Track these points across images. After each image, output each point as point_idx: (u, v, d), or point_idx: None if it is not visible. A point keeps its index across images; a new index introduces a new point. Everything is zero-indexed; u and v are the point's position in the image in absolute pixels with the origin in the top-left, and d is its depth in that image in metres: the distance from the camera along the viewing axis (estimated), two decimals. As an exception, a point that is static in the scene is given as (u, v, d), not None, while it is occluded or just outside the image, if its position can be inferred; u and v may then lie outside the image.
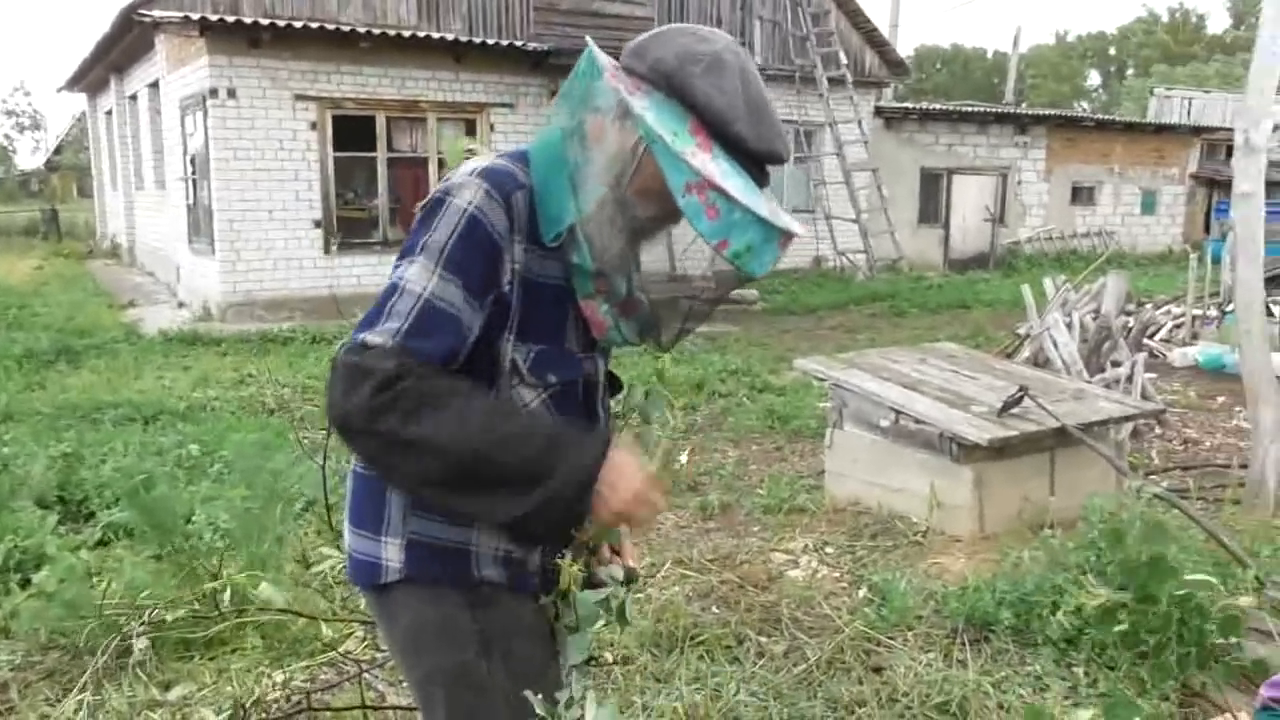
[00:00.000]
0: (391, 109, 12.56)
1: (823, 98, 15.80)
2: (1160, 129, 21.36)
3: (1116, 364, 6.67)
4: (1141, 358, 6.68)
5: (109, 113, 19.05)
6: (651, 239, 1.50)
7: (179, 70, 12.84)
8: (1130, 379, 6.37)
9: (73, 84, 20.02)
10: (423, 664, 1.56)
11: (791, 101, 16.11)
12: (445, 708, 1.54)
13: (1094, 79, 70.74)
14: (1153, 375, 7.31)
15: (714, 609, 3.67)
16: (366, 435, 1.34)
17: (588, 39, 1.46)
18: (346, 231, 12.62)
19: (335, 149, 12.28)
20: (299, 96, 11.88)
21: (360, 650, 3.32)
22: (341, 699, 3.02)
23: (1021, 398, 4.45)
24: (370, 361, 1.33)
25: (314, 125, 12.03)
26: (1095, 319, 7.31)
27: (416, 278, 1.38)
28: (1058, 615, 3.24)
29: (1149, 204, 21.10)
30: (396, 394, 1.31)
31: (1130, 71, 63.50)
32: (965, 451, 4.33)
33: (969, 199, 18.60)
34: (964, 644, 3.29)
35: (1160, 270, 17.11)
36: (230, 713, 2.84)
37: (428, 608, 1.51)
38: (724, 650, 3.31)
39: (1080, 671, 3.07)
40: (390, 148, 12.71)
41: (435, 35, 12.49)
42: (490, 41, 12.85)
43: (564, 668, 1.57)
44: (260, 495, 4.04)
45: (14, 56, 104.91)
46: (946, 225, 18.47)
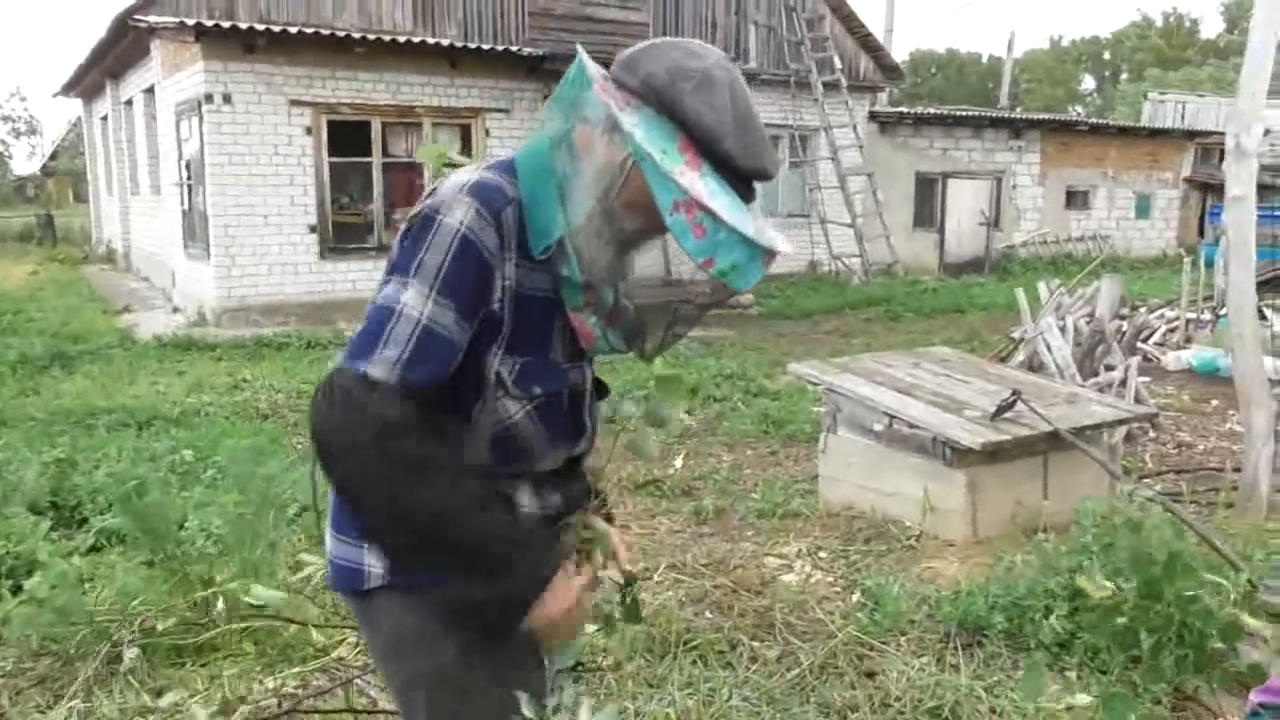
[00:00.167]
0: (387, 114, 12.56)
1: (818, 102, 15.83)
2: (1154, 133, 21.42)
3: (1110, 368, 6.69)
4: (1135, 361, 6.70)
5: (104, 118, 19.05)
6: (638, 250, 1.50)
7: (174, 76, 12.84)
8: (1124, 383, 6.39)
9: (68, 89, 20.01)
10: (404, 669, 1.56)
11: (786, 106, 16.14)
12: (427, 712, 1.54)
13: (1088, 83, 70.96)
14: (1146, 379, 7.33)
15: (707, 614, 3.67)
16: (351, 474, 1.38)
17: (579, 48, 1.46)
18: (342, 237, 12.63)
19: (330, 154, 12.28)
20: (294, 102, 11.88)
21: (353, 656, 3.32)
22: (332, 705, 3.02)
23: (1014, 402, 4.46)
24: (373, 404, 1.34)
25: (309, 130, 12.03)
26: (1089, 323, 7.33)
27: (413, 302, 1.38)
28: (1050, 619, 3.25)
29: (1143, 208, 21.15)
30: (392, 452, 1.35)
31: (1124, 76, 63.69)
32: (958, 456, 4.34)
33: (964, 203, 18.63)
34: (957, 648, 3.29)
35: (1155, 274, 17.15)
36: (218, 712, 2.83)
37: (409, 614, 1.51)
38: (717, 655, 3.31)
39: (1073, 675, 3.07)
40: (385, 153, 12.70)
41: (431, 41, 12.51)
42: (486, 47, 12.86)
43: (550, 671, 1.57)
44: (253, 501, 4.03)
45: (10, 62, 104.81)
46: (941, 229, 18.50)
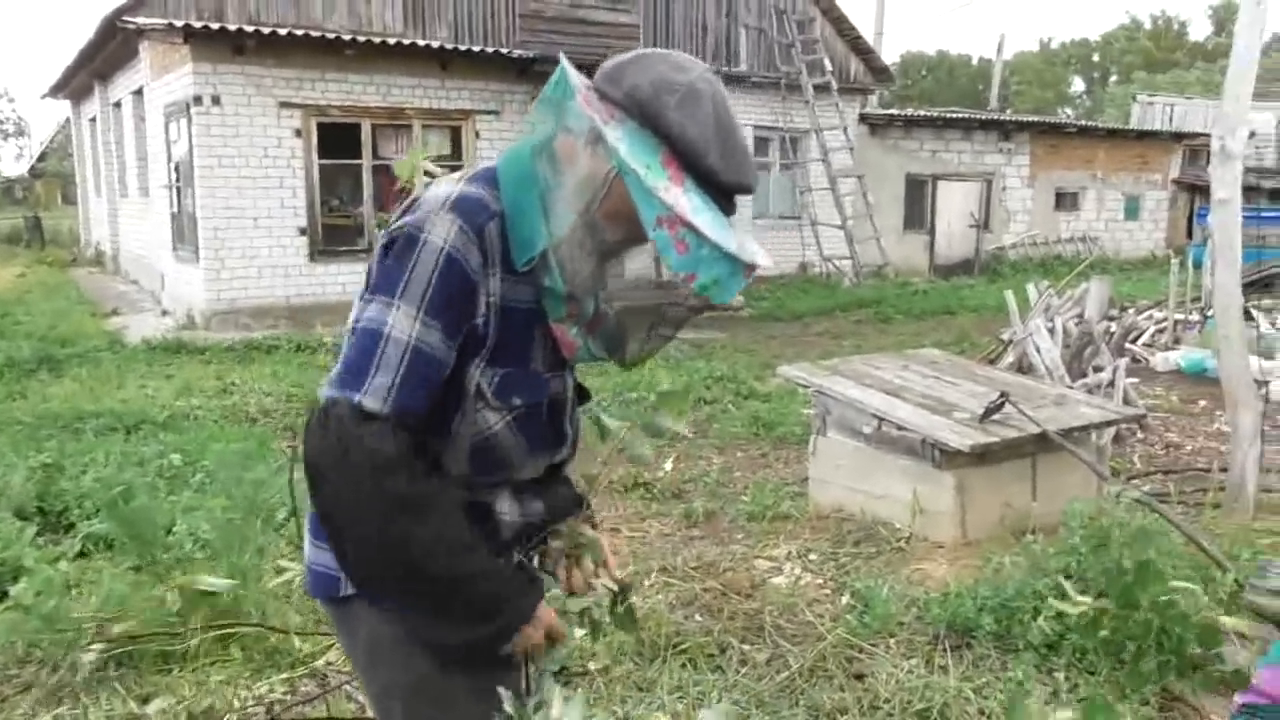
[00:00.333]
0: (377, 116, 12.54)
1: (808, 104, 15.87)
2: (1143, 135, 21.54)
3: (1099, 369, 6.71)
4: (1123, 363, 6.72)
5: (93, 120, 18.96)
6: (620, 260, 1.50)
7: (163, 77, 12.80)
8: (1112, 384, 6.41)
9: (57, 91, 19.91)
10: (381, 677, 1.56)
11: (777, 108, 16.17)
12: None
13: (1078, 85, 71.23)
14: (1135, 380, 7.35)
15: (697, 617, 3.67)
16: (342, 508, 1.38)
17: (561, 57, 1.46)
18: (331, 239, 12.60)
19: (320, 156, 12.25)
20: (284, 104, 11.85)
21: (340, 662, 3.31)
22: (319, 712, 3.01)
23: (1003, 404, 4.47)
24: (369, 438, 1.35)
25: (299, 132, 11.99)
26: (1078, 324, 7.35)
27: (401, 325, 1.37)
28: (1039, 621, 3.26)
29: (1132, 209, 21.24)
30: (386, 490, 1.35)
31: (1113, 78, 63.94)
32: (947, 458, 4.35)
33: (954, 205, 18.68)
34: (945, 650, 3.30)
35: (1144, 275, 17.22)
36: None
37: (386, 621, 1.50)
38: (707, 659, 3.31)
39: (1061, 677, 3.08)
40: (376, 155, 12.67)
41: (421, 43, 12.49)
42: (476, 49, 12.85)
43: (535, 677, 1.57)
44: (241, 506, 4.02)
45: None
46: (932, 231, 18.55)
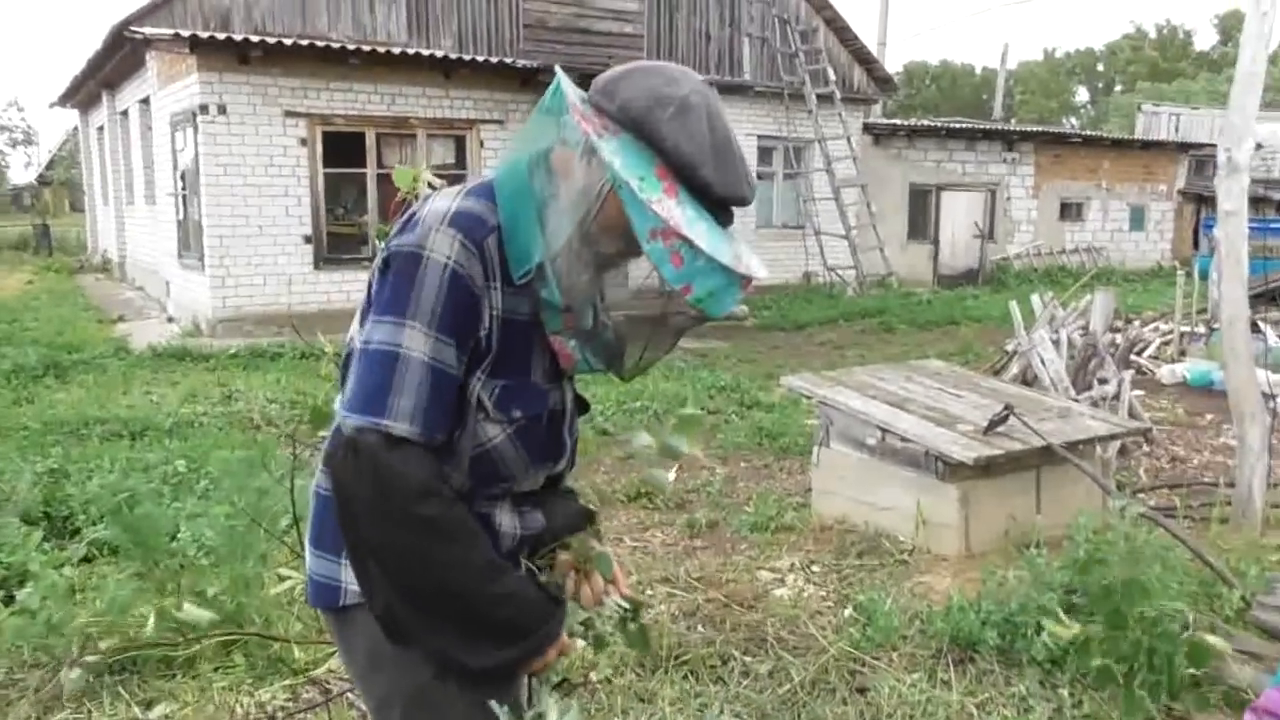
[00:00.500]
0: (381, 125, 12.57)
1: (811, 114, 15.89)
2: (1148, 145, 21.53)
3: (1103, 381, 6.69)
4: (1128, 375, 6.70)
5: (100, 128, 19.06)
6: (616, 271, 1.51)
7: (170, 87, 12.85)
8: (1117, 397, 6.39)
9: (65, 100, 20.01)
10: (380, 686, 1.56)
11: (780, 118, 16.20)
12: None
13: (1082, 95, 71.29)
14: (1141, 392, 7.34)
15: (699, 628, 3.66)
16: (382, 538, 1.39)
17: (557, 69, 1.46)
18: (336, 247, 12.63)
19: (325, 165, 12.28)
20: (289, 113, 11.89)
21: (344, 670, 3.30)
22: (321, 719, 3.01)
23: (1007, 416, 4.47)
24: (406, 466, 1.36)
25: (304, 141, 12.03)
26: (1083, 336, 7.34)
27: (417, 344, 1.38)
28: (1042, 636, 3.24)
29: (1137, 220, 21.23)
30: (426, 518, 1.37)
31: (1118, 88, 64.00)
32: (951, 470, 4.34)
33: (958, 215, 18.69)
34: (949, 664, 3.28)
35: (1149, 286, 17.20)
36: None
37: None
38: (708, 670, 3.31)
39: (1065, 693, 3.06)
40: (380, 164, 12.70)
41: (425, 52, 12.53)
42: (480, 58, 12.89)
43: (536, 689, 1.57)
44: (245, 513, 4.02)
45: (7, 72, 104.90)
46: (936, 241, 18.55)
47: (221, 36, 11.32)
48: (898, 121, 19.87)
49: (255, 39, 11.46)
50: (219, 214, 11.68)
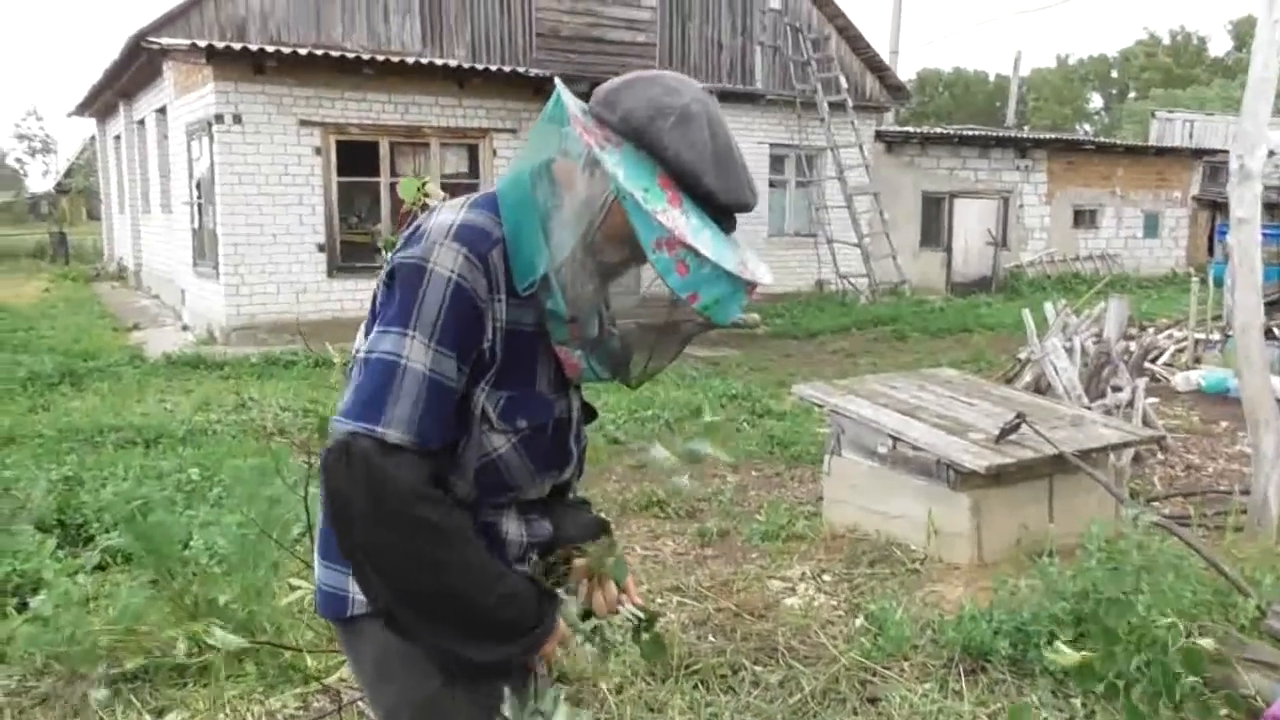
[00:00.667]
0: (395, 134, 12.63)
1: (824, 122, 15.88)
2: (1161, 152, 21.43)
3: (1117, 389, 6.66)
4: (1142, 383, 6.66)
5: (117, 137, 19.21)
6: (620, 280, 1.51)
7: (186, 96, 12.95)
8: (1131, 404, 6.36)
9: (83, 109, 20.20)
10: (389, 695, 1.57)
11: (792, 126, 16.20)
12: None
13: (1096, 101, 71.03)
14: (1155, 400, 7.29)
15: (710, 637, 3.66)
16: (376, 543, 1.40)
17: (557, 81, 1.47)
18: (349, 256, 12.69)
19: (339, 174, 12.34)
20: (304, 122, 11.96)
21: (354, 679, 3.31)
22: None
23: (1019, 424, 4.45)
24: (399, 472, 1.37)
25: (318, 150, 12.10)
26: (1097, 343, 7.30)
27: (417, 356, 1.39)
28: (1055, 645, 3.23)
29: (1151, 227, 21.13)
30: (420, 522, 1.38)
31: (1132, 94, 63.72)
32: (963, 478, 4.33)
33: (971, 222, 18.63)
34: (960, 674, 3.27)
35: (1164, 293, 17.12)
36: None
37: (393, 640, 1.51)
38: (719, 679, 3.30)
39: (1078, 703, 3.05)
40: (394, 173, 12.75)
41: (439, 62, 12.59)
42: (493, 68, 12.93)
43: (542, 692, 1.58)
44: (257, 521, 4.04)
45: (27, 81, 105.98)
46: (949, 249, 18.49)
47: (237, 47, 11.41)
48: (910, 129, 19.82)
49: (271, 49, 11.54)
50: (234, 222, 11.75)
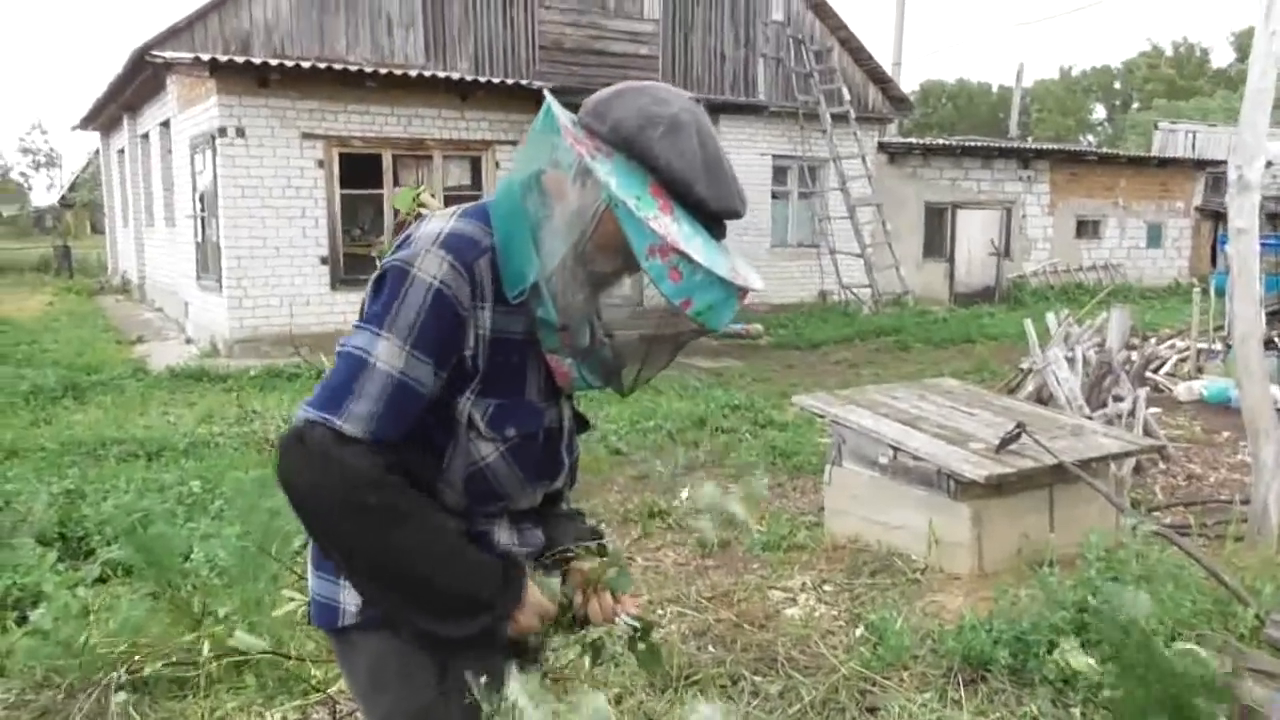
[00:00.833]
0: (398, 147, 12.68)
1: (826, 134, 15.92)
2: (1164, 163, 21.44)
3: (1119, 399, 6.65)
4: (1144, 393, 6.65)
5: (121, 151, 19.30)
6: (612, 289, 1.52)
7: (189, 110, 13.02)
8: (1133, 414, 6.35)
9: (87, 123, 20.29)
10: (382, 706, 1.57)
11: (795, 137, 16.24)
12: None
13: (1099, 112, 71.10)
14: (1158, 410, 7.28)
15: (710, 648, 3.65)
16: (328, 531, 1.42)
17: (546, 93, 1.49)
18: (352, 268, 12.71)
19: (342, 186, 12.38)
20: (306, 135, 12.01)
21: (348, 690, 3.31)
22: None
23: (1019, 434, 4.44)
24: (346, 459, 1.38)
25: (321, 163, 12.15)
26: (1099, 353, 7.30)
27: (387, 357, 1.41)
28: (1055, 655, 3.22)
29: (1154, 237, 21.13)
30: (365, 506, 1.38)
31: (1135, 105, 63.80)
32: (963, 488, 4.32)
33: (974, 233, 18.64)
34: (960, 684, 3.26)
35: (1167, 303, 17.10)
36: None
37: (386, 650, 1.52)
38: (719, 690, 3.29)
39: (1077, 712, 3.04)
40: (397, 185, 12.79)
41: (442, 75, 12.64)
42: (496, 80, 12.99)
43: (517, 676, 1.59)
44: (257, 534, 4.04)
45: (32, 95, 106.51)
46: (951, 259, 18.50)
47: (241, 60, 11.47)
48: (913, 140, 19.86)
49: (274, 62, 11.60)
50: (237, 235, 11.79)
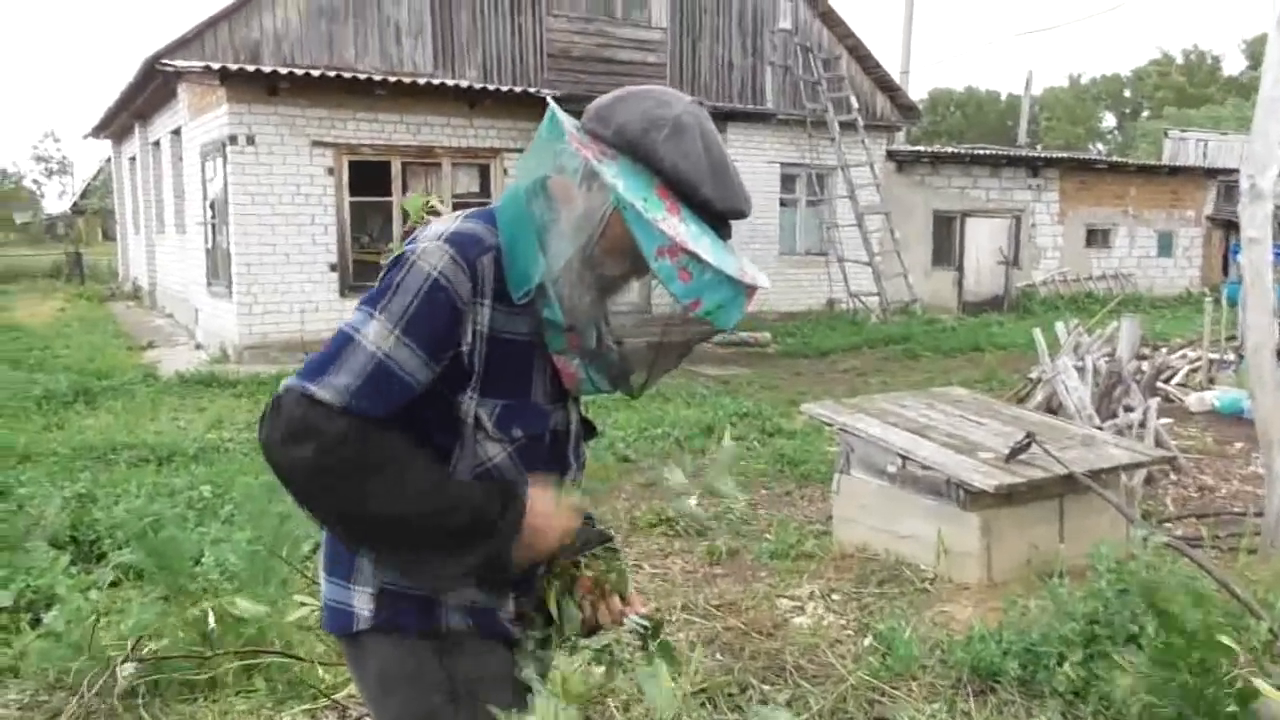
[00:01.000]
0: (407, 154, 12.72)
1: (834, 142, 15.92)
2: (1175, 171, 21.37)
3: (1129, 409, 6.63)
4: (1154, 403, 6.63)
5: (133, 159, 19.41)
6: (620, 292, 1.53)
7: (200, 118, 13.09)
8: (1143, 424, 6.33)
9: (99, 131, 20.41)
10: (391, 709, 1.58)
11: (803, 145, 16.25)
12: None
13: (1109, 121, 70.96)
14: (1169, 420, 7.25)
15: (718, 656, 3.65)
16: (305, 491, 1.42)
17: (549, 100, 1.50)
18: (362, 275, 12.74)
19: (351, 194, 12.44)
20: (316, 143, 12.06)
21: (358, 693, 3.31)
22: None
23: (1029, 444, 4.43)
24: (318, 420, 1.38)
25: (331, 171, 12.20)
26: (1109, 363, 7.28)
27: (374, 337, 1.42)
28: (1064, 666, 3.21)
29: (1165, 246, 21.06)
30: (339, 459, 1.38)
31: (1145, 113, 63.63)
32: (972, 498, 4.31)
33: (982, 242, 18.60)
34: (969, 695, 3.25)
35: (1178, 313, 17.03)
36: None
37: (397, 655, 1.53)
38: (726, 698, 3.29)
39: (1087, 723, 3.03)
40: (405, 192, 12.83)
41: (450, 83, 12.68)
42: (505, 88, 13.03)
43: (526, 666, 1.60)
44: (267, 538, 4.06)
45: (45, 104, 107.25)
46: (960, 268, 18.46)
47: (251, 69, 11.52)
48: (921, 148, 19.85)
49: (284, 71, 11.65)
50: (247, 242, 11.85)
